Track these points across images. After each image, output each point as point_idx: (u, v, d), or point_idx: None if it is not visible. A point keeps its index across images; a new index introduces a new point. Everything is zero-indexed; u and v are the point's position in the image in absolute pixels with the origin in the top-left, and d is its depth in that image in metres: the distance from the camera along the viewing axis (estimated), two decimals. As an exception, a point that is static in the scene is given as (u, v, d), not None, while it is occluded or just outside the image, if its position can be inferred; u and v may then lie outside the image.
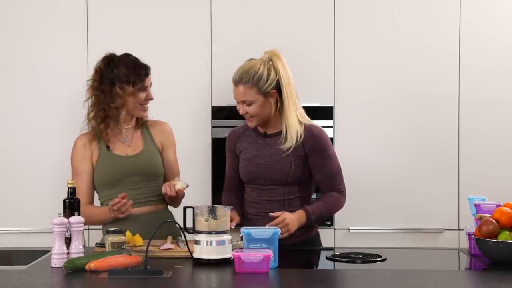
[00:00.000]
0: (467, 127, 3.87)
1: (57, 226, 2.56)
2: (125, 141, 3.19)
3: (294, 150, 2.95)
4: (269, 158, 2.97)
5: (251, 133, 3.06)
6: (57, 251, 2.54)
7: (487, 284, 2.32)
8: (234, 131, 3.14)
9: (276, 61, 2.94)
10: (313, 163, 2.97)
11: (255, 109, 2.94)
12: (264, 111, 2.96)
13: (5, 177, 3.85)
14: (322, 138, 2.99)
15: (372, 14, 3.89)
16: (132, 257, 2.50)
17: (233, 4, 3.88)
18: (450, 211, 3.87)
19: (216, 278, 2.39)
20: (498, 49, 3.87)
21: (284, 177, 2.95)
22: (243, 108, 2.96)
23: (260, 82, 2.91)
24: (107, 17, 3.87)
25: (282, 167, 2.95)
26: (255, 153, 3.01)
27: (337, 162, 3.01)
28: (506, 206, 2.66)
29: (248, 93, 2.92)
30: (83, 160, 3.14)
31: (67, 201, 2.74)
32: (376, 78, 3.88)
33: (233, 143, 3.10)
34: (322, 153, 2.97)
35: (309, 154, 2.96)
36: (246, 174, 3.02)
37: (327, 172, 2.98)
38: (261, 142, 3.02)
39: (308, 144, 2.96)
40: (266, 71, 2.92)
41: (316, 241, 3.08)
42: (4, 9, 3.87)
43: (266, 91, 2.92)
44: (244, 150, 3.05)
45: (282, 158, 2.95)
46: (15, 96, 3.88)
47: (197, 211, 2.59)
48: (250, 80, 2.91)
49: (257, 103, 2.93)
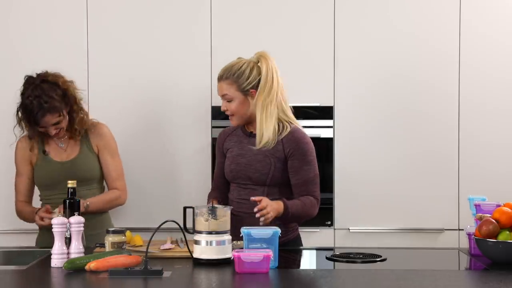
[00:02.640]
0: (467, 127, 3.87)
1: (57, 226, 2.57)
2: (61, 145, 3.30)
3: (275, 151, 2.96)
4: (251, 157, 3.00)
5: (239, 132, 3.10)
6: (57, 251, 2.55)
7: (487, 284, 2.31)
8: (224, 131, 3.19)
9: (262, 62, 2.99)
10: (291, 165, 2.97)
11: (234, 107, 2.98)
12: (243, 110, 2.99)
13: (5, 176, 3.85)
14: (304, 142, 2.99)
15: (372, 14, 3.88)
16: (132, 257, 2.50)
17: (233, 5, 3.88)
18: (450, 211, 3.87)
19: (216, 278, 2.39)
20: (498, 49, 3.87)
21: (263, 178, 2.97)
22: (224, 104, 3.01)
23: (240, 80, 2.96)
24: (107, 18, 3.87)
25: (261, 168, 2.97)
26: (239, 151, 3.04)
27: (315, 170, 3.00)
28: (506, 206, 2.66)
29: (227, 89, 2.97)
30: (22, 162, 3.32)
31: (67, 201, 2.75)
32: (376, 78, 3.88)
33: (221, 142, 3.14)
34: (302, 157, 2.96)
35: (288, 157, 2.97)
36: (229, 173, 3.06)
37: (304, 176, 2.96)
38: (246, 142, 3.05)
39: (289, 147, 2.96)
40: (249, 70, 2.97)
41: (296, 243, 3.06)
42: (4, 8, 3.87)
43: (245, 89, 2.97)
44: (230, 149, 3.09)
45: (263, 158, 2.97)
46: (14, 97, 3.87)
47: (197, 211, 2.59)
48: (231, 76, 2.96)
49: (236, 100, 2.98)
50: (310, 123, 3.82)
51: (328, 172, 3.86)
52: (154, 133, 3.86)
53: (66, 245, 2.59)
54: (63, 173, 3.21)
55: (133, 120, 3.84)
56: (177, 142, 3.83)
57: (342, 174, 3.86)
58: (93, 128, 3.34)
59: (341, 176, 3.86)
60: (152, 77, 3.86)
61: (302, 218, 2.96)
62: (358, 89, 3.88)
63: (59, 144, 3.30)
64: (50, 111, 3.15)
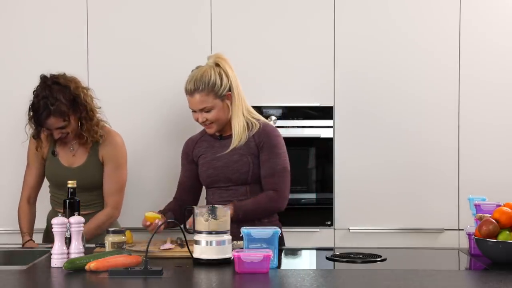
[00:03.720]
0: (467, 127, 3.86)
1: (57, 226, 2.57)
2: (71, 148, 3.29)
3: (249, 148, 3.00)
4: (227, 159, 3.02)
5: (208, 138, 3.13)
6: (57, 251, 2.54)
7: (487, 284, 2.31)
8: (191, 139, 3.21)
9: (223, 64, 3.02)
10: (261, 158, 3.01)
11: (215, 114, 3.00)
12: (223, 115, 3.03)
13: (5, 176, 3.85)
14: (274, 136, 3.04)
15: (372, 14, 3.88)
16: (132, 257, 2.50)
17: (233, 4, 3.88)
18: (450, 211, 3.86)
19: (216, 278, 2.39)
20: (498, 49, 3.86)
21: (243, 177, 3.00)
22: (202, 116, 3.01)
23: (216, 87, 2.98)
24: (107, 18, 3.87)
25: (240, 167, 2.99)
26: (212, 156, 3.06)
27: (284, 163, 3.02)
28: (506, 206, 2.66)
29: (205, 100, 2.98)
30: (34, 156, 3.32)
31: (67, 201, 2.75)
32: (376, 78, 3.88)
33: (190, 149, 3.16)
34: (271, 150, 3.00)
35: (260, 151, 3.01)
36: (206, 178, 3.07)
37: (270, 169, 2.99)
38: (218, 145, 3.08)
39: (260, 141, 3.01)
40: (218, 76, 3.00)
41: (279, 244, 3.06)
42: (4, 8, 3.87)
43: (222, 95, 3.00)
44: (202, 155, 3.10)
45: (240, 158, 3.00)
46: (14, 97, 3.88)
47: (197, 211, 2.59)
48: (206, 87, 2.98)
49: (216, 108, 3.00)
50: (310, 123, 3.82)
51: (328, 172, 3.86)
52: (154, 133, 3.86)
53: (66, 245, 2.59)
54: (69, 177, 3.14)
55: (133, 120, 3.84)
56: (176, 142, 3.83)
57: (342, 174, 3.86)
58: (105, 136, 3.29)
59: (341, 176, 3.86)
60: (152, 77, 3.86)
61: (260, 215, 2.97)
62: (358, 89, 3.88)
63: (70, 147, 3.29)
64: (54, 114, 3.12)
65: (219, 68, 3.02)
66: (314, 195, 3.87)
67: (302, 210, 2.91)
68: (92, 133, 3.24)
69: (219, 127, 3.05)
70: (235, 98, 3.03)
